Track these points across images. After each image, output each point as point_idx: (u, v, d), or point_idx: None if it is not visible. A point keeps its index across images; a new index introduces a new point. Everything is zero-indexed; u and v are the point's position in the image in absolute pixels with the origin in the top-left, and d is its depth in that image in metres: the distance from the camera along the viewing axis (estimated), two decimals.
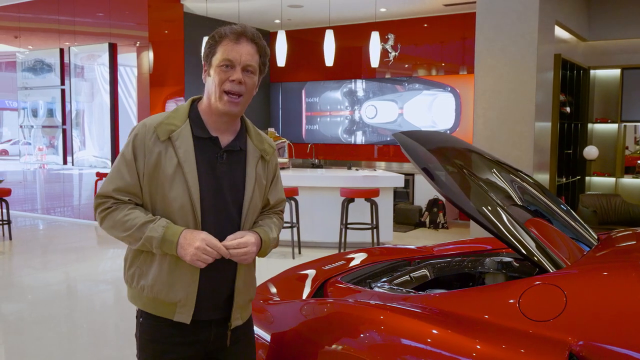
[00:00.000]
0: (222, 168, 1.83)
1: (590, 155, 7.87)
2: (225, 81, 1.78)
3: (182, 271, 1.78)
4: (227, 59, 1.77)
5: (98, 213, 1.83)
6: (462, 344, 1.80)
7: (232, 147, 1.85)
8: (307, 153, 10.01)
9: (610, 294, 1.87)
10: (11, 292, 5.61)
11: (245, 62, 1.79)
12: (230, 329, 1.88)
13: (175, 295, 1.78)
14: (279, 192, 2.03)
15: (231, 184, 1.84)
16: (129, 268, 1.85)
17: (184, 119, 1.83)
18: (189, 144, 1.79)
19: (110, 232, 1.83)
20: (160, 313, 1.81)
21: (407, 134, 2.57)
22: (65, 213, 9.55)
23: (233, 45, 1.78)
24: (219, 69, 1.78)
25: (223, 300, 1.86)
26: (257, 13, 9.30)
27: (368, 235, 6.82)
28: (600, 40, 8.13)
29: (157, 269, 1.79)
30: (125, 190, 1.79)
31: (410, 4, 8.59)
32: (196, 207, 1.77)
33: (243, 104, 1.83)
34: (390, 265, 2.89)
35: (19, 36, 9.90)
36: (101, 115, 8.88)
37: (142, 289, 1.81)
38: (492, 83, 6.24)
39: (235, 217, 1.85)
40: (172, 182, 1.76)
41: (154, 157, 1.77)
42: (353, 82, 10.25)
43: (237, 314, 1.89)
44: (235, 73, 1.78)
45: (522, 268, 2.64)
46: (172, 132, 1.79)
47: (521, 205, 2.50)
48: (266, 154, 1.94)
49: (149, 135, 1.79)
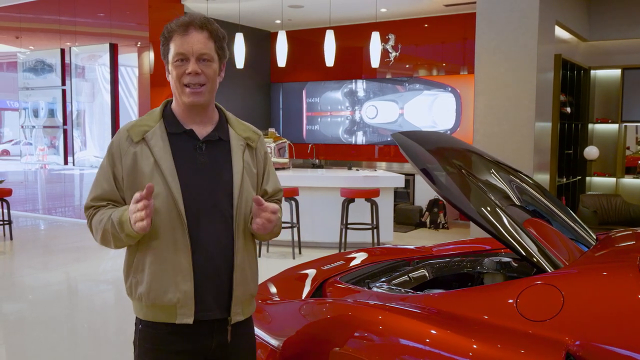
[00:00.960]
0: (203, 159, 1.80)
1: (590, 156, 7.88)
2: (183, 75, 1.77)
3: (174, 271, 1.75)
4: (179, 52, 1.76)
5: (87, 225, 1.86)
6: (459, 343, 1.80)
7: (211, 137, 1.83)
8: (308, 153, 10.02)
9: (607, 294, 1.87)
10: (12, 292, 5.62)
11: (197, 51, 1.76)
12: (230, 323, 1.83)
13: (173, 296, 1.75)
14: (275, 181, 1.99)
15: (216, 175, 1.81)
16: (127, 280, 1.83)
17: (158, 119, 1.83)
18: (164, 141, 1.79)
19: (97, 238, 1.83)
20: (163, 319, 1.78)
21: (405, 134, 2.57)
22: (66, 213, 9.56)
23: (182, 37, 1.76)
24: (174, 65, 1.77)
25: (223, 295, 1.82)
26: (258, 13, 9.30)
27: (368, 236, 6.83)
28: (601, 41, 8.13)
29: (149, 275, 1.76)
30: (102, 198, 1.81)
31: (411, 4, 8.59)
32: (178, 203, 1.74)
33: (208, 92, 1.80)
34: (389, 266, 2.89)
35: (20, 36, 9.92)
36: (102, 116, 8.90)
37: (140, 298, 1.79)
38: (492, 83, 6.24)
39: (227, 208, 1.81)
40: (151, 180, 1.74)
41: (129, 159, 1.77)
42: (354, 82, 10.26)
43: (238, 308, 1.84)
44: (190, 65, 1.76)
45: (521, 268, 2.65)
46: (146, 133, 1.79)
47: (519, 206, 2.51)
48: (252, 142, 1.90)
49: (123, 139, 1.80)
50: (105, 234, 1.77)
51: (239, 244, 1.82)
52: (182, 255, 1.75)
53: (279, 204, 1.99)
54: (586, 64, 8.17)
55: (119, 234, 1.73)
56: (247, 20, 9.58)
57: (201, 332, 1.80)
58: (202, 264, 1.77)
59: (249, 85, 10.40)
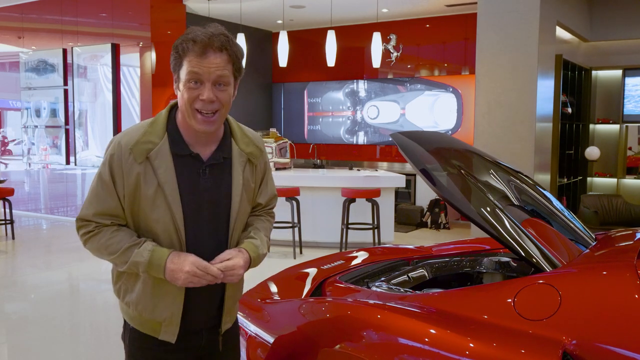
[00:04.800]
0: (206, 184, 1.74)
1: (591, 156, 7.87)
2: (196, 99, 1.64)
3: (166, 290, 1.72)
4: (194, 72, 1.61)
5: (80, 235, 1.76)
6: (457, 342, 1.81)
7: (215, 160, 1.75)
8: (309, 153, 10.03)
9: (604, 294, 1.88)
10: (14, 291, 5.64)
11: (215, 75, 1.62)
12: (221, 334, 1.85)
13: (160, 315, 1.74)
14: (269, 191, 1.94)
15: (217, 198, 1.76)
16: (116, 283, 1.81)
17: (162, 134, 1.71)
18: (169, 163, 1.68)
19: (95, 254, 1.77)
20: (146, 330, 1.77)
21: (404, 134, 2.58)
22: (68, 213, 9.58)
23: (199, 58, 1.60)
24: (187, 86, 1.63)
25: (213, 309, 1.83)
26: (259, 13, 9.32)
27: (369, 236, 6.83)
28: (602, 41, 8.12)
29: (141, 287, 1.73)
30: (106, 214, 1.71)
31: (412, 4, 8.60)
32: (179, 228, 1.70)
33: (220, 119, 1.70)
34: (388, 265, 2.90)
35: (22, 36, 9.94)
36: (104, 116, 8.92)
37: (128, 305, 1.78)
38: (493, 84, 6.24)
39: (223, 229, 1.77)
40: (153, 203, 1.68)
41: (132, 179, 1.67)
42: (355, 82, 10.27)
43: (227, 317, 1.86)
44: (205, 91, 1.62)
45: (520, 268, 2.66)
46: (150, 152, 1.67)
47: (518, 206, 2.51)
48: (254, 158, 1.83)
49: (125, 156, 1.67)
50: (115, 261, 1.72)
51: None
52: None
53: (272, 214, 1.98)
54: (587, 64, 8.16)
55: (137, 271, 1.69)
56: (248, 20, 9.60)
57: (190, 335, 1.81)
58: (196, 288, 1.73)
59: (250, 85, 10.41)
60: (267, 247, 1.88)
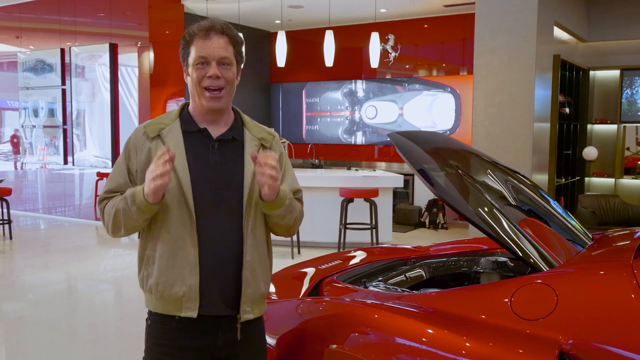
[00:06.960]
0: (215, 158, 1.84)
1: (589, 156, 7.89)
2: (203, 78, 1.83)
3: (181, 265, 1.79)
4: (200, 56, 1.82)
5: (100, 216, 1.92)
6: (454, 342, 1.82)
7: (224, 137, 1.87)
8: (307, 153, 10.04)
9: (601, 293, 1.89)
10: (12, 291, 5.63)
11: (219, 55, 1.82)
12: (239, 321, 1.84)
13: (179, 289, 1.79)
14: (291, 181, 1.96)
15: (228, 174, 1.84)
16: (139, 273, 1.88)
17: (175, 119, 1.90)
18: (178, 138, 1.85)
19: (108, 225, 1.86)
20: (169, 311, 1.82)
21: (402, 134, 2.58)
22: (66, 213, 9.58)
23: (204, 41, 1.82)
24: (195, 68, 1.83)
25: (230, 292, 1.83)
26: (258, 13, 9.32)
27: (367, 236, 6.84)
28: (600, 41, 8.14)
29: (158, 267, 1.82)
30: (115, 190, 1.87)
31: (410, 4, 8.61)
32: (188, 198, 1.79)
33: (226, 96, 1.86)
34: (386, 265, 2.90)
35: (20, 36, 9.94)
36: (102, 115, 8.91)
37: (150, 290, 1.84)
38: (491, 84, 6.25)
39: (237, 207, 1.82)
40: None
41: (144, 154, 1.83)
42: (353, 82, 10.27)
43: (247, 306, 1.84)
44: (211, 69, 1.82)
45: (517, 268, 2.66)
46: (162, 130, 1.86)
47: (515, 206, 2.52)
48: (266, 142, 1.92)
49: (139, 135, 1.87)
50: (117, 214, 1.80)
51: (249, 242, 1.83)
52: (189, 250, 1.79)
53: (300, 204, 1.98)
54: (585, 64, 8.18)
55: (130, 208, 1.76)
56: (246, 20, 9.60)
57: (206, 329, 1.82)
58: (209, 259, 1.80)
59: (248, 85, 10.41)
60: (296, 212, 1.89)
